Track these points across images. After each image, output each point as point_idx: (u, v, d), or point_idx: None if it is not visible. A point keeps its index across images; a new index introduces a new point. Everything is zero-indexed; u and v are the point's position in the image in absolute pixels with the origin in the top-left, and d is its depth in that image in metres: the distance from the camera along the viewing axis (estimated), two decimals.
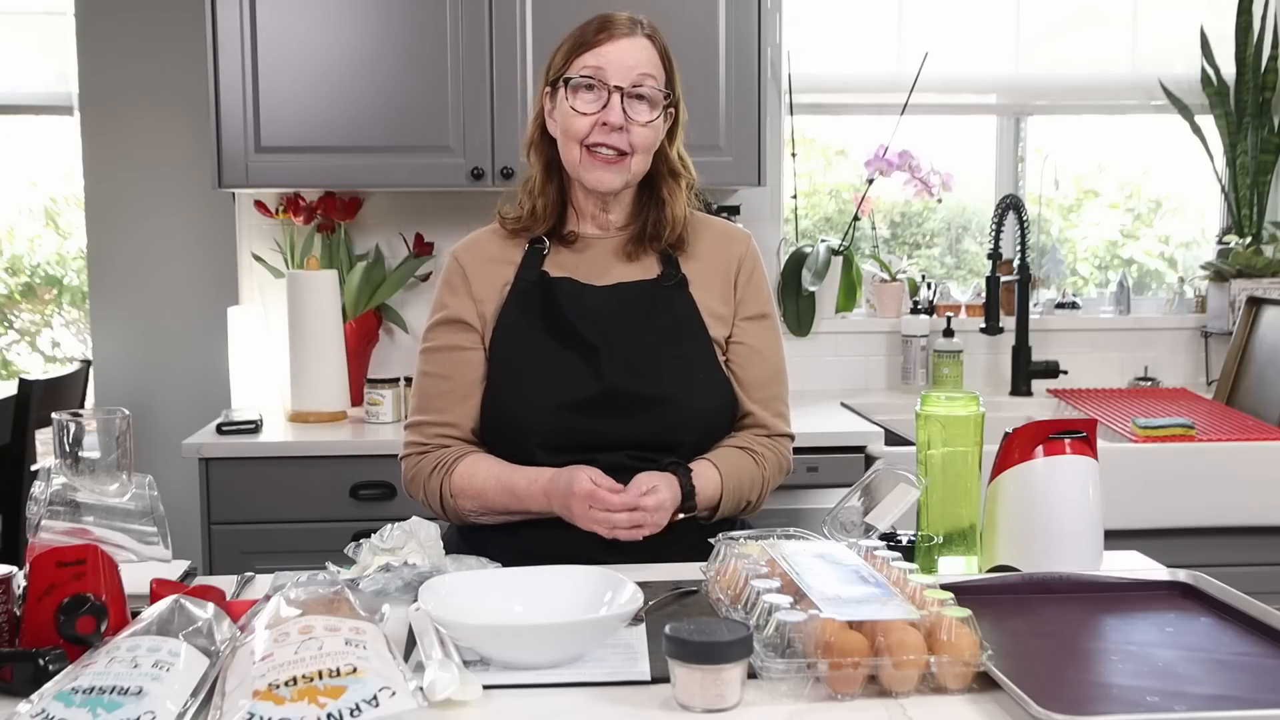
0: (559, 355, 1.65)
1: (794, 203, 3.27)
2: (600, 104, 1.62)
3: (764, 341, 1.75)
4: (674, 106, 1.70)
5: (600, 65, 1.62)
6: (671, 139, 1.72)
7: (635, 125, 1.63)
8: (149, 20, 3.30)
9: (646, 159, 1.67)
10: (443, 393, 1.71)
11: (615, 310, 1.68)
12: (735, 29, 2.78)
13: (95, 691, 1.00)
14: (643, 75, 1.63)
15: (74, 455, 1.37)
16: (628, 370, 1.64)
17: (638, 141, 1.64)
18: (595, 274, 1.72)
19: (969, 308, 3.27)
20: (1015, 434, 1.53)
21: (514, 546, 1.64)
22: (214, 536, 2.53)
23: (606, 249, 1.74)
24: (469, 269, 1.74)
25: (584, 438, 1.63)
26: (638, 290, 1.70)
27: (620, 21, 1.65)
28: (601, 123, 1.62)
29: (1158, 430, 2.56)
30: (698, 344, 1.70)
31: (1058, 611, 1.36)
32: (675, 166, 1.73)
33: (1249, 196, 3.28)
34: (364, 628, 1.10)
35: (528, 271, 1.71)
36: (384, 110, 2.74)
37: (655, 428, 1.63)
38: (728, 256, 1.77)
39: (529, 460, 1.64)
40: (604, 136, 1.62)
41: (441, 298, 1.75)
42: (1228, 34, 3.27)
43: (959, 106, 3.40)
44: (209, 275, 3.32)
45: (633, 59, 1.63)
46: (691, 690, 1.08)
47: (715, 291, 1.74)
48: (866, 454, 2.58)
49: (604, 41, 1.63)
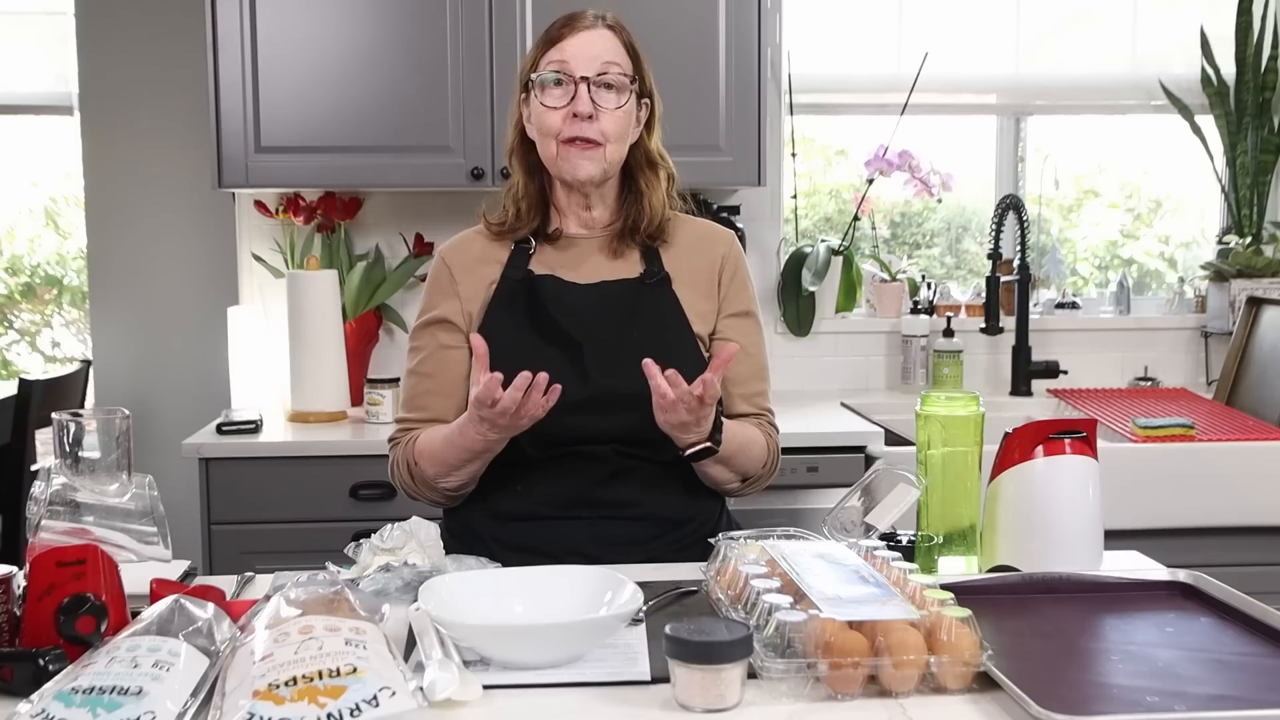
0: (544, 353, 1.66)
1: (794, 203, 3.27)
2: (569, 97, 1.65)
3: (747, 339, 1.76)
4: (648, 97, 1.73)
5: (564, 59, 1.66)
6: (650, 131, 1.75)
7: (605, 112, 1.66)
8: (149, 20, 3.30)
9: (621, 147, 1.70)
10: (426, 391, 1.75)
11: (599, 307, 1.70)
12: (735, 29, 2.78)
13: (95, 691, 1.00)
14: (606, 64, 1.66)
15: (74, 455, 1.37)
16: (612, 369, 1.65)
17: (609, 129, 1.66)
18: (579, 271, 1.74)
19: (969, 308, 3.27)
20: (1015, 434, 1.53)
21: (504, 541, 1.66)
22: (214, 536, 2.53)
23: (591, 247, 1.76)
24: (455, 269, 1.76)
25: (570, 433, 1.64)
26: (621, 288, 1.72)
27: (583, 16, 1.69)
28: (572, 114, 1.65)
29: (1158, 430, 2.56)
30: (681, 341, 1.71)
31: (1058, 611, 1.36)
32: (654, 158, 1.75)
33: (1249, 196, 3.28)
34: (364, 628, 1.10)
35: (513, 270, 1.74)
36: (384, 110, 2.74)
37: (640, 425, 1.63)
38: (711, 255, 1.78)
39: (517, 454, 1.66)
40: (576, 129, 1.65)
41: (429, 298, 1.78)
42: (1228, 34, 3.27)
43: (959, 106, 3.40)
44: (209, 275, 3.32)
45: (595, 49, 1.66)
46: (691, 690, 1.08)
47: (699, 288, 1.75)
48: (866, 454, 2.58)
49: (567, 35, 1.67)
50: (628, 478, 1.67)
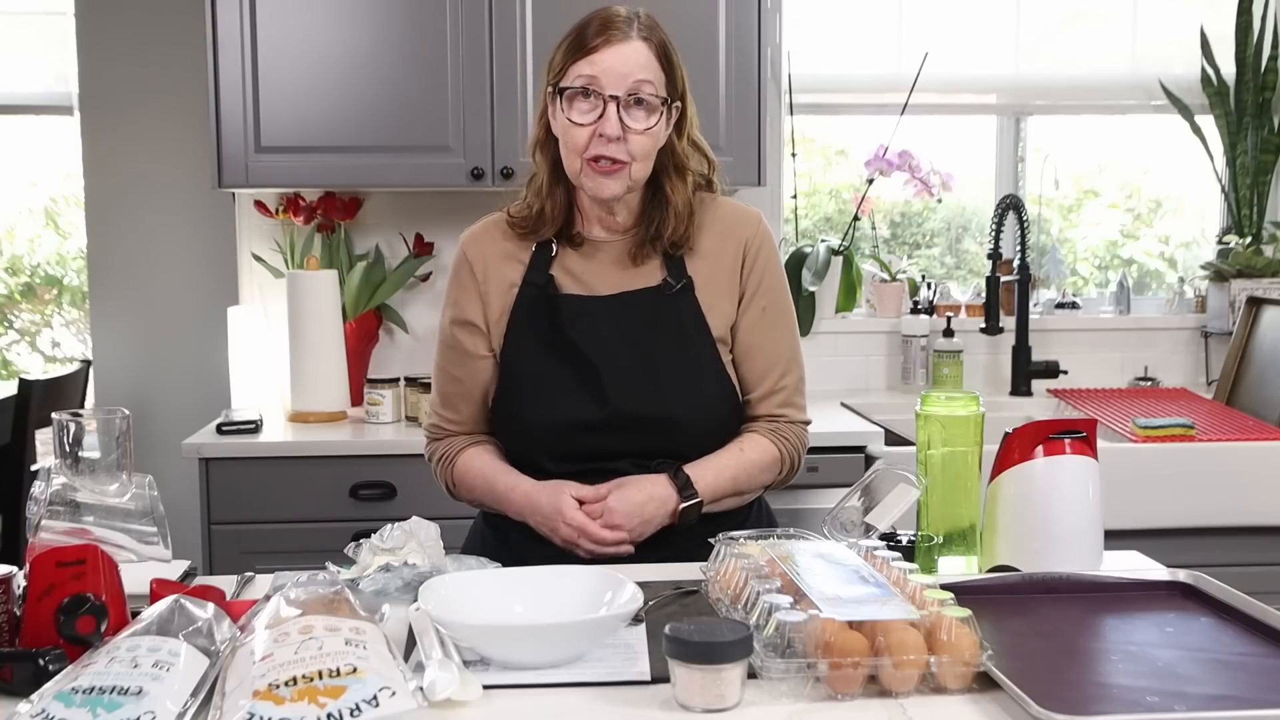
0: (562, 375, 1.67)
1: (794, 203, 3.27)
2: (596, 113, 1.59)
3: (764, 336, 1.73)
4: (680, 100, 1.68)
5: (595, 74, 1.59)
6: (680, 132, 1.69)
7: (633, 134, 1.60)
8: (149, 20, 3.30)
9: (647, 165, 1.65)
10: (457, 395, 1.79)
11: (618, 324, 1.69)
12: (735, 29, 2.78)
13: (95, 691, 1.00)
14: (639, 82, 1.59)
15: (74, 455, 1.37)
16: (630, 392, 1.66)
17: (636, 150, 1.61)
18: (600, 281, 1.72)
19: (969, 308, 3.27)
20: (1015, 434, 1.53)
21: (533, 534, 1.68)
22: (214, 536, 2.53)
23: (613, 253, 1.73)
24: (476, 265, 1.76)
25: (589, 450, 1.67)
26: (641, 299, 1.70)
27: (617, 22, 1.61)
28: (598, 134, 1.60)
29: (1158, 430, 2.56)
30: (701, 352, 1.69)
31: (1058, 611, 1.36)
32: (681, 160, 1.70)
33: (1249, 196, 3.28)
34: (364, 628, 1.10)
35: (535, 275, 1.72)
36: (384, 110, 2.74)
37: (658, 444, 1.66)
38: (736, 243, 1.73)
39: (536, 465, 1.69)
40: (602, 148, 1.60)
41: (452, 293, 1.78)
42: (1228, 34, 3.27)
43: (959, 106, 3.40)
44: (209, 275, 3.32)
45: (627, 65, 1.59)
46: (691, 690, 1.08)
47: (721, 288, 1.72)
48: (866, 454, 2.58)
49: (600, 47, 1.59)
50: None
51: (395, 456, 2.56)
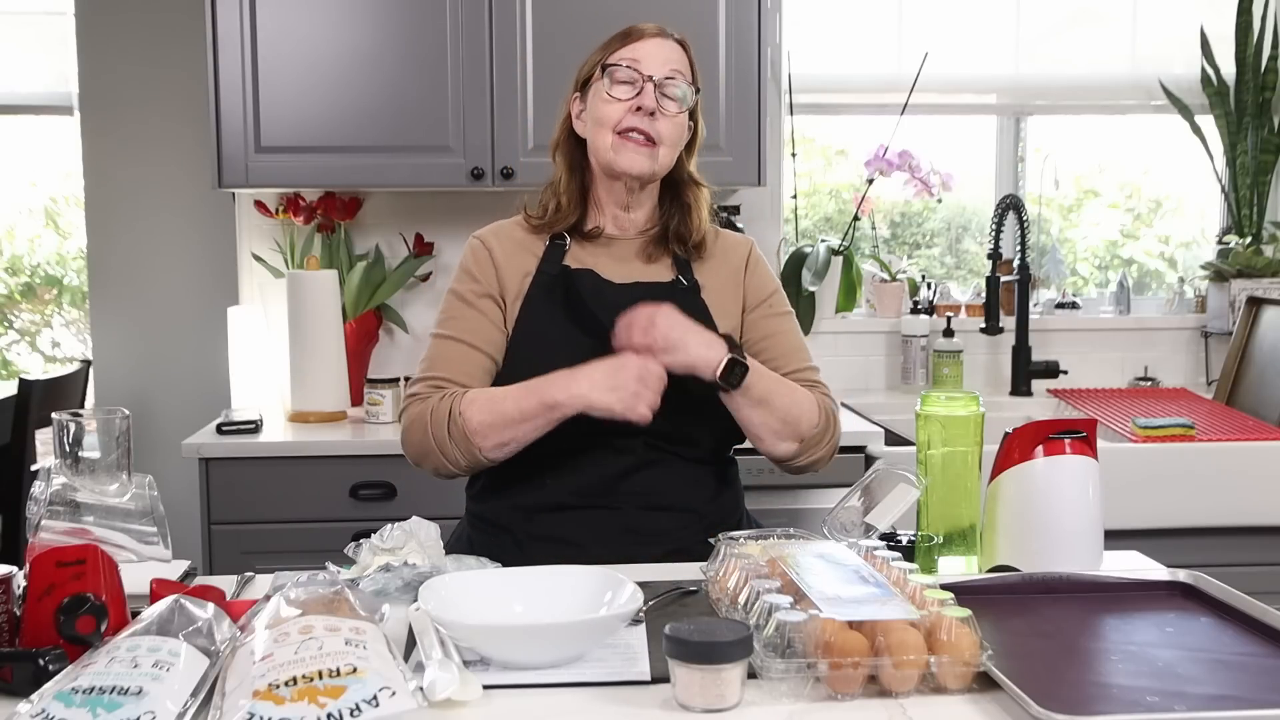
0: (581, 345, 1.67)
1: (794, 203, 3.27)
2: (634, 93, 1.70)
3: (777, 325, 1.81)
4: (693, 120, 1.78)
5: (637, 57, 1.71)
6: (690, 152, 1.80)
7: (665, 116, 1.70)
8: (149, 20, 3.30)
9: (672, 153, 1.74)
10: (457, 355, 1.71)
11: (634, 305, 1.69)
12: (735, 29, 2.78)
13: (95, 691, 1.00)
14: (675, 71, 1.72)
15: (74, 455, 1.37)
16: None
17: (664, 132, 1.70)
18: (614, 271, 1.76)
19: (969, 308, 3.27)
20: (1015, 434, 1.53)
21: (530, 533, 1.68)
22: (214, 536, 2.53)
23: (625, 249, 1.79)
24: (494, 250, 1.77)
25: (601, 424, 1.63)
26: (655, 290, 1.73)
27: (652, 27, 1.75)
28: (635, 108, 1.69)
29: (1158, 430, 2.56)
30: None
31: (1058, 611, 1.36)
32: (696, 177, 1.81)
33: (1249, 196, 3.28)
34: (364, 628, 1.10)
35: (549, 265, 1.76)
36: (384, 110, 2.74)
37: (672, 420, 1.65)
38: (735, 261, 1.83)
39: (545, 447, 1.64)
40: (637, 121, 1.69)
41: (467, 272, 1.77)
42: (1228, 34, 3.27)
43: (959, 106, 3.40)
44: (209, 275, 3.32)
45: (665, 54, 1.72)
46: (691, 690, 1.08)
47: (726, 294, 1.79)
48: (866, 454, 2.58)
49: (645, 37, 1.73)
50: (655, 470, 1.68)
51: (395, 456, 2.53)
